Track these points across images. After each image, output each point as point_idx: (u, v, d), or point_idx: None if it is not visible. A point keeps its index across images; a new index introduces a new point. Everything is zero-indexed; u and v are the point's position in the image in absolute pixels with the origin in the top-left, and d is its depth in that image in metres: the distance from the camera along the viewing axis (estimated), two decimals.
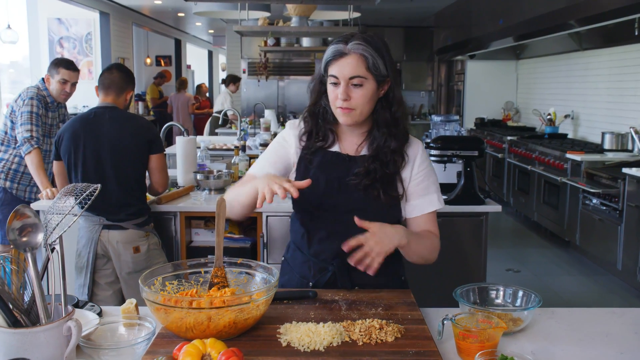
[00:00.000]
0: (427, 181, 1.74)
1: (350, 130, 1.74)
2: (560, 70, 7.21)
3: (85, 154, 2.73)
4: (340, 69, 1.62)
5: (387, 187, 1.68)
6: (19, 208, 1.24)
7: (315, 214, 1.72)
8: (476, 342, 1.32)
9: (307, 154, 1.73)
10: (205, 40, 15.96)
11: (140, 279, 1.39)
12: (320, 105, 1.74)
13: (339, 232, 1.66)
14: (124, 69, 2.96)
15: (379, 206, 1.68)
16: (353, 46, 1.61)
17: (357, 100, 1.63)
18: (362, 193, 1.67)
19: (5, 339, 1.17)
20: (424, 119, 11.06)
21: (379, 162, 1.68)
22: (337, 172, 1.70)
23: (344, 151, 1.73)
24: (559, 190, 5.69)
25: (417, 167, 1.73)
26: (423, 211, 1.74)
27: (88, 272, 2.76)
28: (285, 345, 1.31)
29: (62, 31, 8.58)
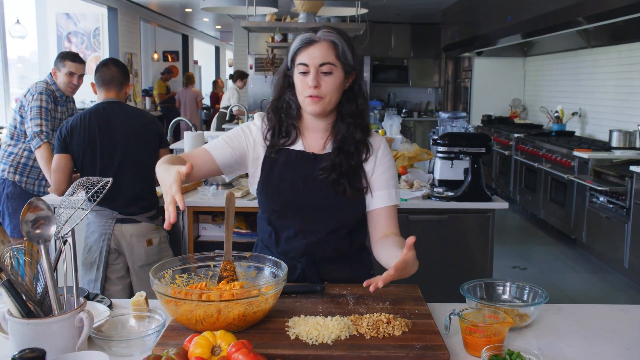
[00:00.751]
0: (387, 174, 1.75)
1: (313, 125, 1.73)
2: (568, 67, 7.18)
3: (101, 148, 2.76)
4: (309, 55, 1.62)
5: (352, 180, 1.69)
6: (32, 200, 1.25)
7: (282, 213, 1.70)
8: (483, 337, 1.33)
9: (271, 153, 1.71)
10: (212, 36, 15.97)
11: (150, 272, 1.41)
12: (284, 100, 1.73)
13: (306, 230, 1.69)
14: (120, 64, 2.98)
15: (346, 203, 1.69)
16: (323, 34, 1.63)
17: (326, 88, 1.63)
18: (330, 189, 1.67)
19: (19, 329, 1.19)
20: (430, 115, 11.05)
21: (344, 154, 1.69)
22: (302, 170, 1.69)
23: (309, 149, 1.73)
24: (566, 188, 5.68)
25: (379, 159, 1.74)
26: (384, 204, 1.73)
27: (101, 267, 2.78)
28: (293, 338, 1.32)
29: (70, 26, 8.61)
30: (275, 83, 1.75)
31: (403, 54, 11.01)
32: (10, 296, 1.20)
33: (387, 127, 5.16)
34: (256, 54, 10.47)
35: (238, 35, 11.01)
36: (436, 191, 3.22)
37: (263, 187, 1.72)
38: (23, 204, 3.74)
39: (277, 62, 9.46)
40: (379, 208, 1.73)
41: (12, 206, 3.58)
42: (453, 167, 3.24)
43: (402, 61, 11.11)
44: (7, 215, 3.60)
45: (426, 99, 11.44)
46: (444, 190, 3.22)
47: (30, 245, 1.26)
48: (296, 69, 1.65)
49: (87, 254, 2.81)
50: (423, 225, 3.15)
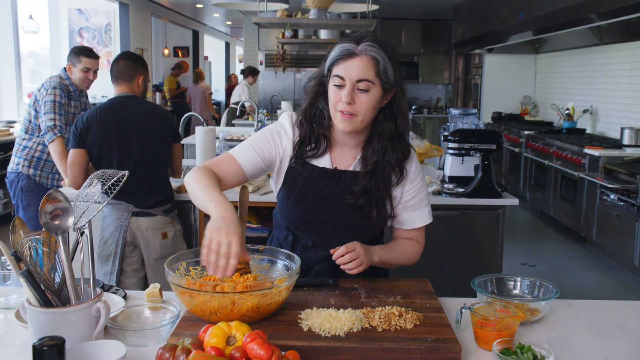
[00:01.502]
0: (419, 196, 1.71)
1: (344, 140, 1.65)
2: (580, 64, 7.15)
3: (116, 143, 2.79)
4: (347, 69, 1.52)
5: (379, 207, 1.64)
6: (51, 192, 1.28)
7: (302, 227, 1.68)
8: (494, 331, 1.34)
9: (296, 166, 1.65)
10: (222, 32, 16.00)
11: (165, 264, 1.43)
12: (317, 108, 1.64)
13: (323, 244, 1.66)
14: (130, 57, 3.00)
15: (367, 224, 1.66)
16: (365, 47, 1.52)
17: (361, 106, 1.53)
18: (354, 211, 1.62)
19: (37, 318, 1.22)
20: (440, 112, 11.03)
21: (375, 180, 1.62)
22: (324, 188, 1.64)
23: (334, 162, 1.66)
24: (576, 186, 5.67)
25: (409, 183, 1.68)
26: (413, 225, 1.73)
27: (117, 260, 2.81)
28: (306, 330, 1.34)
29: (82, 21, 8.66)
30: (309, 88, 1.66)
31: (413, 50, 10.98)
32: (30, 286, 1.22)
33: None
34: (266, 50, 10.49)
35: (248, 31, 11.03)
36: (447, 187, 3.23)
37: (284, 198, 1.68)
38: (37, 197, 3.81)
39: (287, 58, 9.48)
40: (408, 229, 1.74)
41: (26, 199, 3.63)
42: (463, 163, 3.24)
43: (413, 57, 11.08)
44: (22, 208, 3.65)
45: (436, 95, 11.42)
46: (454, 186, 3.22)
47: (49, 236, 1.29)
48: (332, 80, 1.56)
49: (103, 246, 2.84)
50: (433, 221, 3.11)
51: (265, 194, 3.11)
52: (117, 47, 8.74)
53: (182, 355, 1.11)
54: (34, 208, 3.64)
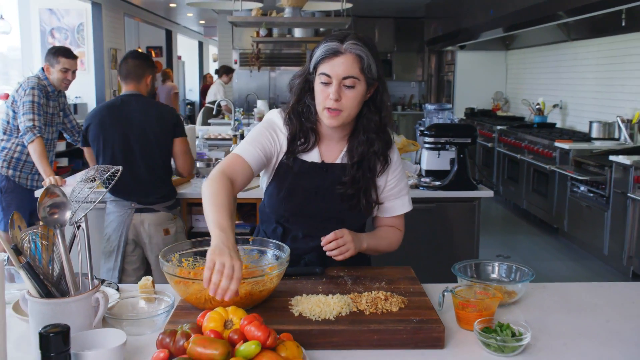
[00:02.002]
0: (400, 184, 1.80)
1: (331, 134, 1.73)
2: (549, 60, 7.33)
3: (114, 140, 2.84)
4: (333, 67, 1.58)
5: (367, 195, 1.72)
6: (49, 187, 1.32)
7: (291, 219, 1.74)
8: (475, 311, 1.42)
9: (287, 161, 1.71)
10: (195, 31, 15.94)
11: (160, 255, 1.48)
12: (304, 104, 1.71)
13: (313, 235, 1.73)
14: (139, 56, 3.06)
15: (355, 214, 1.74)
16: (349, 46, 1.58)
17: (347, 102, 1.60)
18: (343, 201, 1.69)
19: (39, 309, 1.26)
20: (414, 109, 11.17)
21: (362, 170, 1.70)
22: (314, 181, 1.71)
23: (322, 156, 1.73)
24: (548, 179, 5.82)
25: (391, 173, 1.77)
26: (395, 213, 1.82)
27: (119, 256, 2.86)
28: (297, 315, 1.40)
29: (53, 22, 8.56)
30: (295, 85, 1.72)
31: (387, 48, 11.09)
32: (30, 278, 1.26)
33: None
34: (241, 49, 10.51)
35: (222, 30, 11.03)
36: (423, 181, 3.32)
37: (274, 192, 1.74)
38: (17, 197, 3.80)
39: (261, 57, 9.51)
40: (391, 216, 1.83)
41: (5, 200, 3.62)
42: (440, 157, 3.33)
43: (386, 55, 11.20)
44: (1, 209, 3.65)
45: (410, 92, 11.55)
46: (431, 180, 3.31)
47: (47, 229, 1.33)
48: (318, 77, 1.62)
49: (106, 243, 2.88)
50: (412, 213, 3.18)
51: (247, 191, 3.16)
52: (90, 47, 8.67)
53: (182, 339, 1.16)
54: (14, 209, 3.64)
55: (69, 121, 3.93)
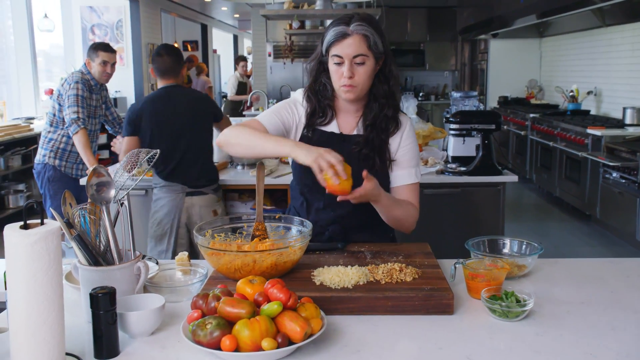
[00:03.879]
0: (411, 153, 1.91)
1: (346, 107, 1.89)
2: (584, 47, 7.27)
3: (166, 129, 3.06)
4: (344, 49, 1.75)
5: (381, 155, 1.86)
6: (96, 167, 1.48)
7: (314, 187, 1.84)
8: (483, 281, 1.53)
9: (308, 132, 1.89)
10: (230, 25, 16.18)
11: (195, 230, 1.63)
12: (320, 83, 1.88)
13: (334, 204, 1.81)
14: (172, 51, 3.23)
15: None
16: (355, 27, 1.75)
17: (359, 77, 1.77)
18: (359, 165, 1.78)
19: (88, 276, 1.42)
20: (447, 98, 11.16)
21: (376, 130, 1.85)
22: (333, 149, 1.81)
23: (340, 128, 1.90)
24: (580, 166, 5.82)
25: (404, 139, 1.90)
26: (404, 182, 1.91)
27: (171, 239, 3.08)
28: (318, 284, 1.53)
29: (94, 19, 8.86)
30: (310, 68, 1.90)
31: (419, 37, 11.10)
32: (81, 248, 1.42)
33: (404, 109, 5.33)
34: (274, 42, 10.65)
35: (256, 24, 11.20)
36: (449, 167, 3.41)
37: (297, 164, 1.84)
38: (63, 186, 4.06)
39: (295, 49, 9.64)
40: (401, 185, 1.92)
41: (52, 189, 3.85)
42: (465, 143, 3.41)
43: (419, 45, 11.21)
44: (49, 197, 3.87)
45: (443, 82, 11.55)
46: (457, 165, 3.40)
47: (94, 206, 1.49)
48: (331, 59, 1.80)
49: (157, 227, 3.09)
50: (437, 198, 3.34)
51: (278, 177, 3.30)
52: (129, 43, 8.95)
53: (213, 301, 1.31)
54: (61, 197, 3.86)
55: (110, 114, 4.14)
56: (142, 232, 3.25)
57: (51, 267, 1.09)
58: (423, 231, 3.28)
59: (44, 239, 1.09)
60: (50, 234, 1.09)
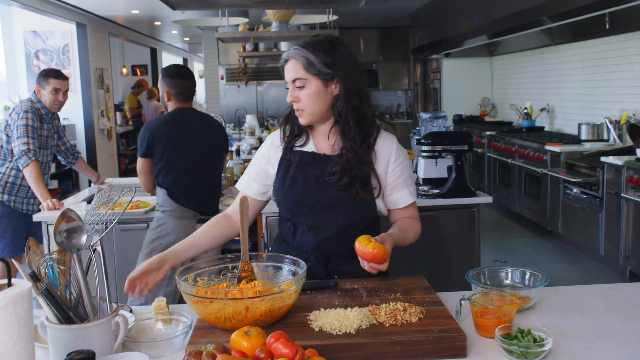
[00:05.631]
0: (404, 175, 1.85)
1: (321, 129, 1.84)
2: (534, 65, 7.41)
3: (181, 150, 2.94)
4: (285, 74, 1.78)
5: (364, 183, 1.76)
6: (65, 211, 1.30)
7: (295, 211, 1.81)
8: (494, 318, 1.42)
9: (286, 156, 1.84)
10: (180, 48, 15.95)
11: (176, 274, 1.47)
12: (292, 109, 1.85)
13: (317, 227, 1.80)
14: (191, 74, 3.14)
15: (356, 203, 1.78)
16: (291, 52, 1.76)
17: (304, 101, 1.75)
18: (341, 190, 1.75)
19: (59, 335, 1.24)
20: (402, 117, 11.22)
21: (353, 150, 1.75)
22: (314, 171, 1.80)
23: (320, 150, 1.83)
24: (540, 182, 5.87)
25: (392, 162, 1.82)
26: (404, 203, 1.86)
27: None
28: (317, 330, 1.39)
29: (38, 44, 8.51)
30: None
31: (372, 58, 11.16)
32: (49, 304, 1.24)
33: None
34: (227, 65, 10.50)
35: (207, 47, 11.03)
36: (422, 189, 3.33)
37: (279, 187, 1.84)
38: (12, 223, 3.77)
39: (248, 72, 9.51)
40: (402, 208, 1.86)
41: (1, 226, 3.57)
42: (437, 165, 3.35)
43: (372, 65, 11.27)
44: None
45: (397, 101, 11.62)
46: (429, 188, 3.33)
47: (63, 254, 1.31)
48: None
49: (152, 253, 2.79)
50: None
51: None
52: (77, 68, 8.63)
53: (208, 359, 1.15)
54: (10, 234, 3.60)
55: (62, 143, 3.90)
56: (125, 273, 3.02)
57: (21, 337, 0.92)
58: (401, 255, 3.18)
59: (12, 305, 0.92)
60: (20, 298, 0.92)
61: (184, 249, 1.77)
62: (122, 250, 3.18)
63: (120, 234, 3.18)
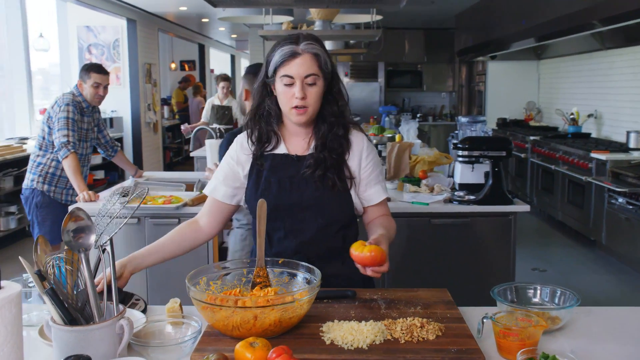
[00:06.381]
0: (376, 171, 1.82)
1: (295, 130, 1.78)
2: (583, 70, 7.12)
3: None
4: (295, 68, 1.65)
5: (339, 173, 1.73)
6: (73, 210, 1.27)
7: (271, 215, 1.72)
8: (517, 340, 1.32)
9: (257, 160, 1.78)
10: (228, 45, 16.05)
11: (186, 279, 1.42)
12: (264, 108, 1.77)
13: (296, 229, 1.74)
14: None
15: (333, 199, 1.73)
16: (305, 46, 1.66)
17: (311, 98, 1.68)
18: (316, 186, 1.71)
19: (62, 336, 1.21)
20: (445, 119, 11.01)
21: (327, 150, 1.73)
22: (287, 172, 1.74)
23: (292, 152, 1.78)
24: (584, 190, 5.63)
25: (365, 158, 1.78)
26: (380, 199, 1.81)
27: None
28: (329, 343, 1.32)
29: (90, 38, 8.69)
30: (254, 91, 1.80)
31: (417, 59, 10.98)
32: (54, 304, 1.21)
33: (405, 132, 5.15)
34: None
35: (254, 44, 11.05)
36: (457, 195, 3.21)
37: (251, 193, 1.77)
38: (51, 212, 3.82)
39: None
40: (376, 204, 1.81)
41: (41, 215, 3.62)
42: (474, 170, 3.21)
43: (416, 66, 11.09)
44: (37, 224, 3.65)
45: (441, 103, 11.41)
46: (465, 194, 3.20)
47: (71, 254, 1.28)
48: (279, 80, 1.68)
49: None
50: (445, 229, 3.13)
51: None
52: (126, 62, 8.77)
53: None
54: (49, 223, 3.64)
55: (103, 136, 3.93)
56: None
57: (8, 341, 0.88)
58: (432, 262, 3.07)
59: None
60: (8, 302, 0.88)
61: (143, 255, 1.70)
62: None
63: (152, 228, 3.16)
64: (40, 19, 8.13)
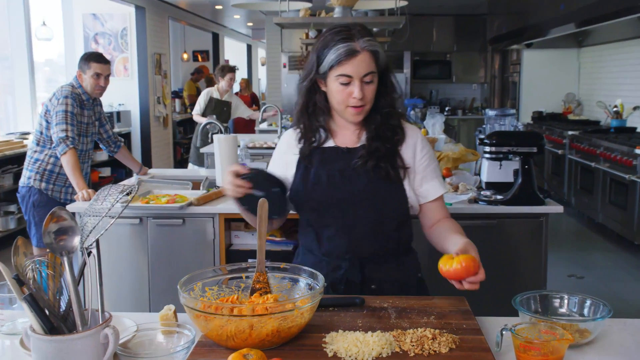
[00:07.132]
0: (432, 165, 1.83)
1: (345, 124, 1.80)
2: (629, 58, 6.99)
3: None
4: (354, 67, 1.65)
5: (392, 162, 1.75)
6: (55, 210, 1.26)
7: (321, 211, 1.75)
8: (539, 355, 1.28)
9: (305, 156, 1.80)
10: (243, 34, 16.10)
11: (179, 284, 1.41)
12: (314, 105, 1.79)
13: (347, 226, 1.74)
14: None
15: (386, 191, 1.73)
16: (364, 43, 1.66)
17: (369, 96, 1.70)
18: (368, 178, 1.71)
19: (41, 346, 1.20)
20: (476, 113, 10.90)
21: (380, 140, 1.75)
22: (337, 165, 1.76)
23: (342, 145, 1.80)
24: (627, 189, 5.52)
25: (419, 151, 1.80)
26: (437, 194, 1.81)
27: None
28: (331, 355, 1.30)
29: (97, 27, 8.76)
30: (301, 87, 1.80)
31: (446, 48, 10.89)
32: (33, 311, 1.20)
33: (430, 127, 5.10)
34: (289, 52, 10.51)
35: (270, 33, 11.07)
36: (484, 194, 3.16)
37: (300, 188, 1.77)
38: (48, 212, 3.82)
39: None
40: (434, 200, 1.81)
41: (38, 215, 3.65)
42: (502, 168, 3.16)
43: (445, 55, 10.99)
44: (34, 225, 3.67)
45: (471, 95, 11.30)
46: (492, 193, 3.15)
47: (54, 257, 1.27)
48: (335, 79, 1.68)
49: None
50: (470, 231, 3.02)
51: None
52: (134, 52, 8.83)
53: None
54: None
55: (104, 131, 3.95)
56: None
57: None
58: None
59: None
60: None
61: None
62: (156, 246, 3.17)
63: (155, 229, 3.17)
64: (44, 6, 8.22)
